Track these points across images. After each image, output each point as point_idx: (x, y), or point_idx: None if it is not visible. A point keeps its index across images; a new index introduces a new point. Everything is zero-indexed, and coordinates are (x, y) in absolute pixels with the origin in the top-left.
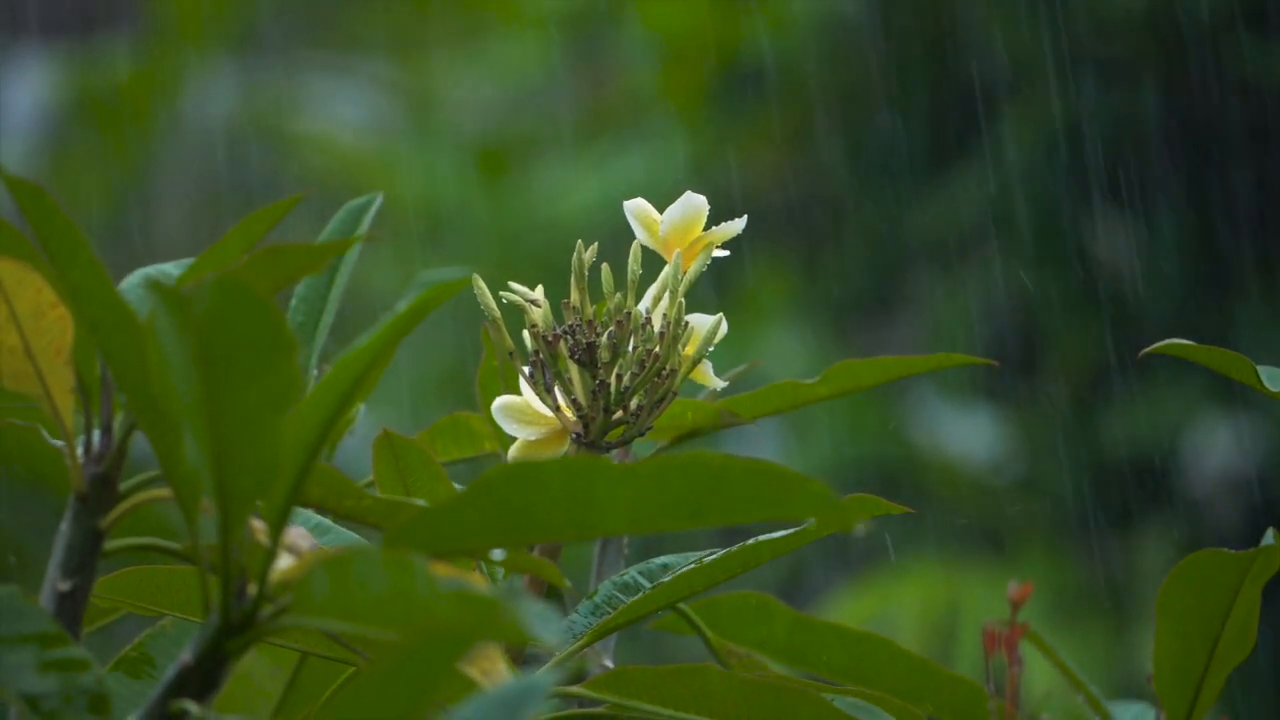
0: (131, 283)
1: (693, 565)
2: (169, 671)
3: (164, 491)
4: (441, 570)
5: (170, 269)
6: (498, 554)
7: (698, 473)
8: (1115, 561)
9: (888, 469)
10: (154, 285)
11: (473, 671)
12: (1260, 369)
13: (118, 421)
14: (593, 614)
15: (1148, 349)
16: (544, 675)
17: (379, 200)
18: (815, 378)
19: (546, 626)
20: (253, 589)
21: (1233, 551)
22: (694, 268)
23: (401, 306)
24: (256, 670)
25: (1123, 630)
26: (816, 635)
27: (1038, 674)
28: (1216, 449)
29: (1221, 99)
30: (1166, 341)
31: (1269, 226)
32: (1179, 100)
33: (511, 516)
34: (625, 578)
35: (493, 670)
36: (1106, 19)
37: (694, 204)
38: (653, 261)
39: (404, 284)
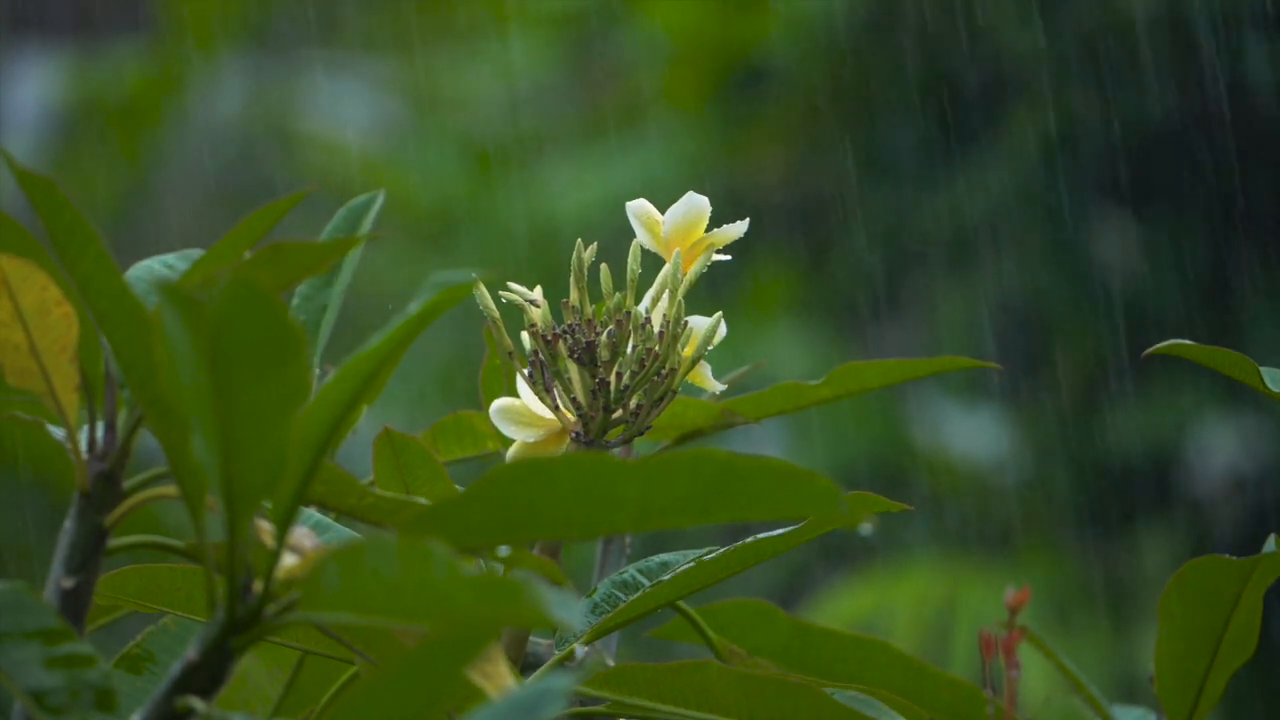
0: (136, 274)
1: (692, 563)
2: (174, 668)
3: (169, 489)
4: None
5: (174, 260)
6: (503, 550)
7: (705, 469)
8: (1118, 562)
9: (891, 468)
10: (164, 286)
11: (475, 675)
12: (1263, 370)
13: (121, 419)
14: (592, 612)
15: (1150, 349)
16: (561, 678)
17: (380, 199)
18: (818, 379)
19: (569, 610)
20: (258, 586)
21: (1234, 558)
22: (694, 268)
23: (413, 308)
24: (254, 671)
25: (1124, 631)
26: (815, 640)
27: (1039, 675)
28: (1220, 450)
29: (1226, 99)
30: (1169, 342)
31: (1273, 227)
32: (1184, 101)
33: (519, 513)
34: (624, 576)
35: (495, 674)
36: (1113, 20)
37: (696, 205)
38: (656, 262)
39: (406, 283)
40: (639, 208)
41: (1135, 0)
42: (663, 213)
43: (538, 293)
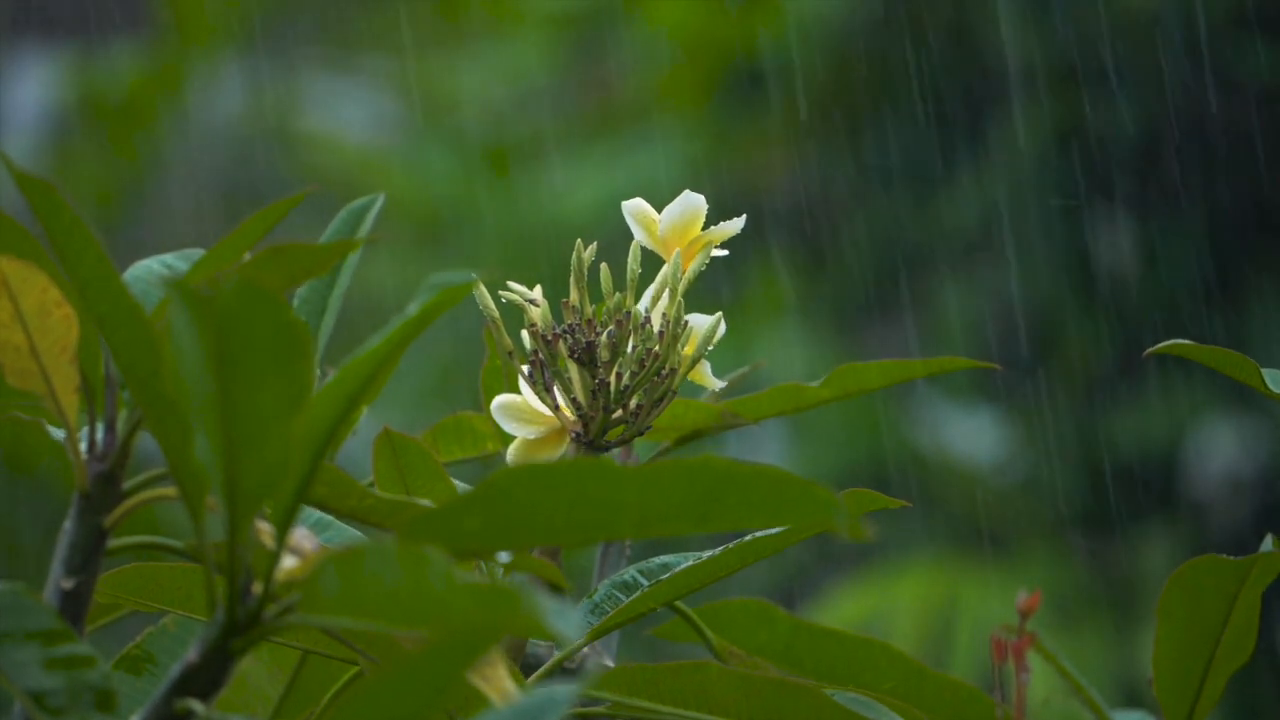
0: (135, 274)
1: (691, 562)
2: (173, 670)
3: (169, 490)
4: None
5: (173, 260)
6: (504, 556)
7: (705, 477)
8: (1118, 563)
9: (891, 469)
10: (174, 283)
11: (475, 679)
12: (1264, 370)
13: (121, 420)
14: (592, 613)
15: (1151, 349)
16: (566, 686)
17: (380, 202)
18: (818, 380)
19: (565, 620)
20: (258, 588)
21: (1231, 558)
22: (693, 267)
23: (412, 309)
24: (255, 672)
25: (1124, 632)
26: (815, 640)
27: (1038, 676)
28: (1220, 451)
29: (1227, 100)
30: (1170, 342)
31: (1273, 228)
32: (1184, 101)
33: (518, 518)
34: (624, 577)
35: (496, 678)
36: (1111, 21)
37: (692, 203)
38: (655, 262)
39: (407, 284)
40: (635, 207)
41: (1135, 1)
42: (659, 213)
43: (537, 292)
